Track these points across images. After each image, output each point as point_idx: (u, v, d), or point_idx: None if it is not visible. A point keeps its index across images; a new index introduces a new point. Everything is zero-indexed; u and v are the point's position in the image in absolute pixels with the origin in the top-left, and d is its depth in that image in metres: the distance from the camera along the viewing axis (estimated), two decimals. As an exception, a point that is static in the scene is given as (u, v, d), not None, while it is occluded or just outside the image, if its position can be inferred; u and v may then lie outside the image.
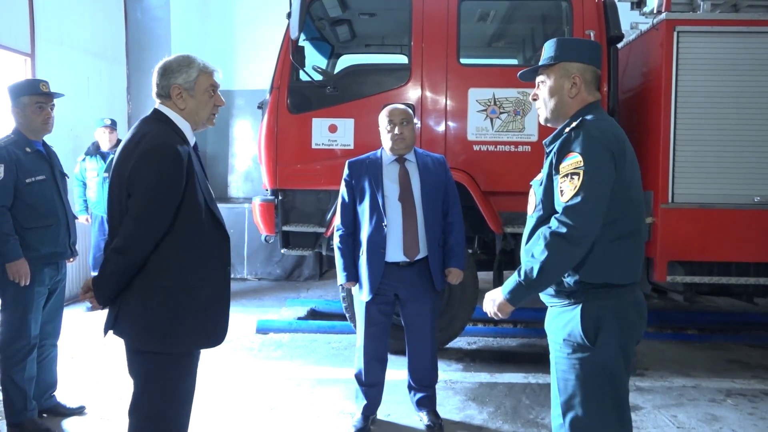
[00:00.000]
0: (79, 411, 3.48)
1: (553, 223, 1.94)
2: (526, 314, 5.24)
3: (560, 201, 1.95)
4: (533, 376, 4.12)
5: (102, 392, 3.72)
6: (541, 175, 2.11)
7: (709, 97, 4.33)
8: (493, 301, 2.08)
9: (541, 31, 5.24)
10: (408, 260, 3.23)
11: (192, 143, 2.17)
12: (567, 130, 2.03)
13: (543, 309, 2.23)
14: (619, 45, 4.89)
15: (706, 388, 4.00)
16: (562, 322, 2.05)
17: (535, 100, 2.21)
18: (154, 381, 2.07)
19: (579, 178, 1.91)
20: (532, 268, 1.94)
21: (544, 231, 1.96)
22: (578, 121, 2.03)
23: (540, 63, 2.16)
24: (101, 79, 6.95)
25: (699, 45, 4.34)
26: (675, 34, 4.33)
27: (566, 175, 1.94)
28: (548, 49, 2.15)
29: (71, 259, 3.49)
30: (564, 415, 2.07)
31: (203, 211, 2.07)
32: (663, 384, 4.07)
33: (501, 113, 4.46)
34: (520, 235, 4.32)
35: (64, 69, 6.22)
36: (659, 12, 4.50)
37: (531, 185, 2.20)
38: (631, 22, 5.12)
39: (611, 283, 1.98)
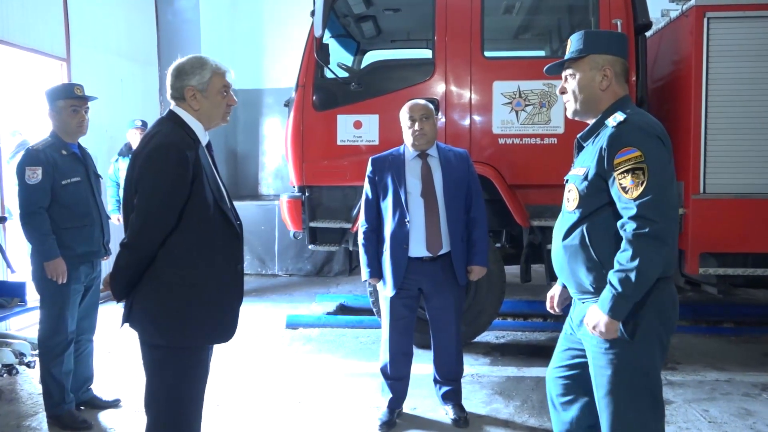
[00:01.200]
0: (115, 404, 3.59)
1: (630, 225, 1.89)
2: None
3: (625, 197, 1.91)
4: (562, 370, 4.08)
5: (137, 386, 3.83)
6: (583, 170, 2.05)
7: (742, 84, 4.23)
8: (594, 328, 1.98)
9: (567, 22, 5.17)
10: (431, 255, 3.24)
11: (204, 142, 2.22)
12: (613, 124, 1.98)
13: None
14: (649, 33, 4.79)
15: (740, 383, 3.91)
16: None
17: (563, 93, 2.18)
18: (163, 374, 2.13)
19: (644, 173, 1.88)
20: (627, 277, 1.88)
21: (625, 235, 1.90)
22: (623, 115, 1.99)
23: (567, 56, 2.14)
24: (134, 81, 7.13)
25: (730, 31, 4.24)
26: (705, 20, 4.24)
27: (627, 171, 1.90)
28: (575, 42, 2.12)
29: (105, 258, 3.60)
30: (602, 411, 2.07)
31: (211, 209, 2.12)
32: (695, 378, 3.99)
33: (526, 106, 4.43)
34: (548, 228, 4.37)
35: (98, 72, 6.39)
36: (689, -2, 4.40)
37: (567, 180, 2.15)
38: (661, 9, 5.01)
39: None
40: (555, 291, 2.41)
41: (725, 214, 4.23)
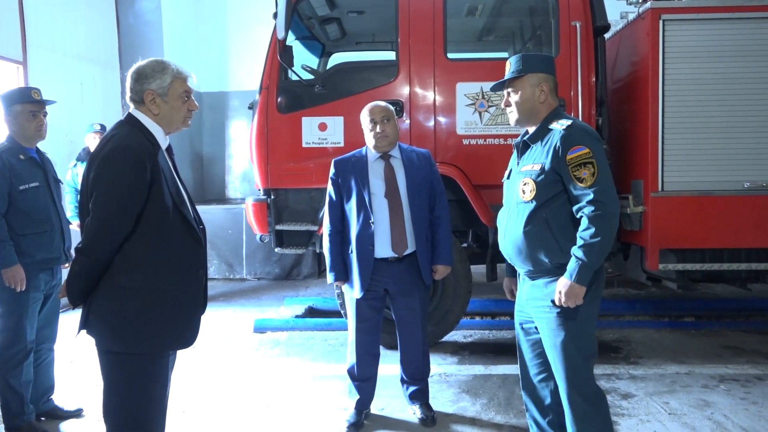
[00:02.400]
0: (77, 414, 3.52)
1: (589, 208, 2.31)
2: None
3: (581, 186, 2.33)
4: (528, 367, 4.14)
5: (100, 394, 3.76)
6: (538, 166, 2.42)
7: (697, 84, 4.33)
8: (565, 295, 2.32)
9: (529, 24, 5.25)
10: (396, 256, 3.26)
11: (164, 146, 2.19)
12: (562, 127, 2.39)
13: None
14: (608, 35, 4.90)
15: (699, 375, 4.02)
16: (550, 289, 2.42)
17: (507, 106, 2.58)
18: (120, 382, 2.09)
19: (594, 166, 2.32)
20: (591, 250, 2.29)
21: (586, 217, 2.31)
22: (569, 120, 2.42)
23: (508, 76, 2.54)
24: (95, 85, 7.00)
25: (685, 33, 4.34)
26: (661, 22, 4.33)
27: (579, 165, 2.33)
28: (514, 64, 2.53)
29: (66, 265, 3.52)
30: (557, 363, 2.43)
31: (170, 213, 2.09)
32: (656, 371, 4.09)
33: (489, 107, 4.48)
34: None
35: (57, 75, 6.26)
36: (645, 1, 4.51)
37: (521, 174, 2.50)
38: (620, 11, 5.12)
39: None
40: (509, 283, 2.89)
41: (683, 211, 4.33)
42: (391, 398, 3.65)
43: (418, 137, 4.51)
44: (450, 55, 4.57)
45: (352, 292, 3.31)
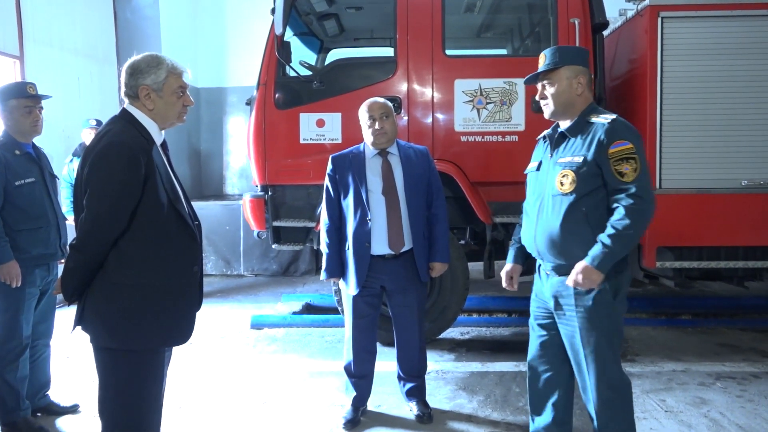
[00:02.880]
0: (73, 409, 3.52)
1: (628, 200, 2.30)
2: (519, 303, 5.28)
3: (621, 180, 2.32)
4: (524, 365, 4.13)
5: (96, 391, 3.75)
6: (580, 158, 2.38)
7: (695, 82, 4.33)
8: (582, 277, 2.32)
9: (527, 21, 5.24)
10: (393, 253, 3.25)
11: (159, 142, 2.18)
12: (606, 121, 2.38)
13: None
14: (607, 32, 4.89)
15: (695, 372, 4.03)
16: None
17: (542, 99, 2.52)
18: (116, 378, 2.09)
19: (636, 162, 2.32)
20: (620, 239, 2.28)
21: (623, 207, 2.30)
22: (612, 115, 2.42)
23: (543, 68, 2.49)
24: (92, 80, 6.98)
25: (683, 30, 4.34)
26: (659, 19, 4.33)
27: (621, 159, 2.32)
28: (549, 56, 2.49)
29: (62, 260, 3.51)
30: (589, 364, 2.43)
31: (165, 210, 2.08)
32: (653, 369, 4.10)
33: (488, 103, 4.47)
34: (510, 224, 4.43)
35: (54, 70, 6.24)
36: (643, -2, 4.50)
37: (558, 166, 2.45)
38: (619, 9, 5.12)
39: None
40: (513, 270, 2.78)
41: (680, 208, 4.33)
42: (388, 395, 3.65)
43: (416, 134, 4.50)
44: (448, 52, 4.56)
45: (348, 289, 3.31)
